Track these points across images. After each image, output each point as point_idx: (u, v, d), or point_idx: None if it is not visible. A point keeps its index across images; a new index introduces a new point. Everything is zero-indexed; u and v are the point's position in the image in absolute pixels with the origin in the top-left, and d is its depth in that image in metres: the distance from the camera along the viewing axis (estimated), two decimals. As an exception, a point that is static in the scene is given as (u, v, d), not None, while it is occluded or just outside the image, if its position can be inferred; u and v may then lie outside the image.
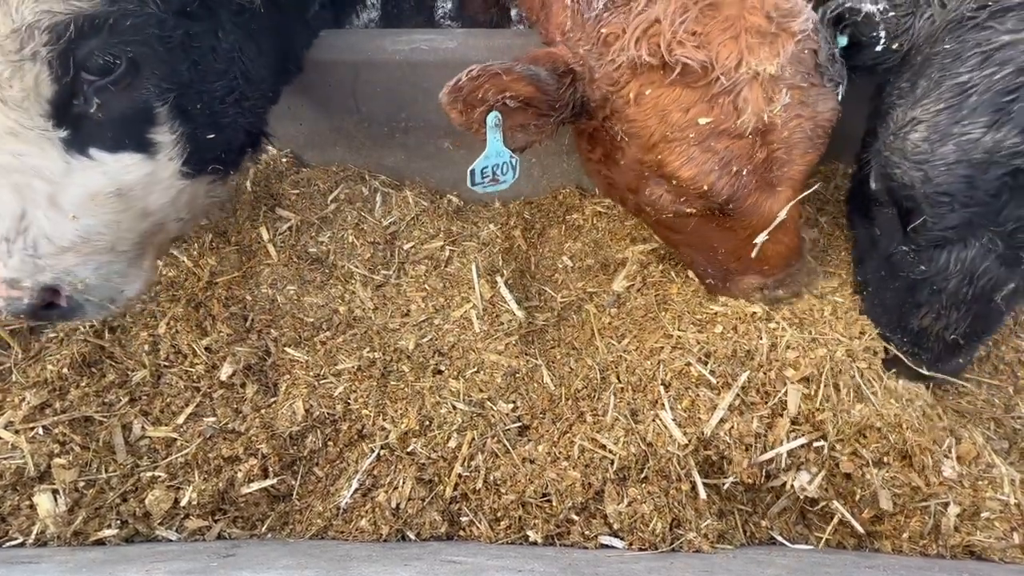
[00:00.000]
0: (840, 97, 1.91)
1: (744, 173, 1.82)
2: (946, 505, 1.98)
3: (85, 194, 1.69)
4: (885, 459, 2.00)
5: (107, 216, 1.75)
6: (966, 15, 1.76)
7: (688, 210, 1.94)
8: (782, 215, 1.92)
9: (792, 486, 1.99)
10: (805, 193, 1.97)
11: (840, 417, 1.99)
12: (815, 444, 1.99)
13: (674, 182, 1.84)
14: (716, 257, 2.15)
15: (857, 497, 2.00)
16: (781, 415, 2.03)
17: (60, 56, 1.53)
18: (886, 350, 2.14)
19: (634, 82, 1.77)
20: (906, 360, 2.09)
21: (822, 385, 2.03)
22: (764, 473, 2.00)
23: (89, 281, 1.79)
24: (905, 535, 2.00)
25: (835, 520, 2.01)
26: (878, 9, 1.88)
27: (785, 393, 2.03)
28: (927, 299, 1.98)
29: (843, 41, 1.91)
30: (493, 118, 1.80)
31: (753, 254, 2.02)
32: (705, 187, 1.81)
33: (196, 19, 1.73)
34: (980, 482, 2.01)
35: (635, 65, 1.74)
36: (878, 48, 1.91)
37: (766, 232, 1.95)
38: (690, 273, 2.40)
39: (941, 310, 1.96)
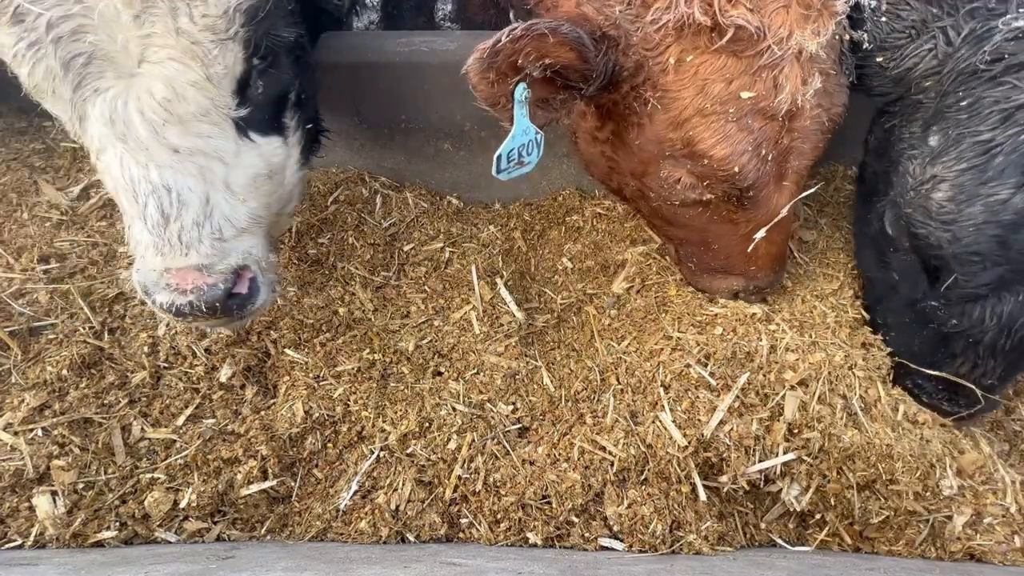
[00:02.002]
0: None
1: (769, 159, 1.74)
2: (949, 517, 1.98)
3: (248, 176, 1.70)
4: (872, 485, 2.00)
5: (264, 199, 1.76)
6: (979, 67, 1.67)
7: (702, 196, 1.84)
8: (785, 211, 1.87)
9: (784, 497, 2.00)
10: (808, 192, 1.93)
11: (829, 441, 1.98)
12: (805, 459, 1.99)
13: (705, 162, 1.71)
14: (708, 253, 2.10)
15: (846, 511, 2.00)
16: (779, 418, 2.03)
17: (252, 37, 1.59)
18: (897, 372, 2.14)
19: (676, 45, 1.62)
20: (942, 413, 2.05)
21: (816, 396, 2.02)
22: (763, 477, 2.00)
23: (266, 262, 1.78)
24: (902, 542, 2.00)
25: (828, 528, 2.02)
26: (870, 5, 1.78)
27: (783, 397, 2.03)
28: (962, 350, 1.93)
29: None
30: (522, 90, 1.59)
31: (750, 248, 1.97)
32: (736, 169, 1.71)
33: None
34: (982, 488, 2.00)
35: (682, 25, 1.58)
36: (864, 47, 1.81)
37: (766, 228, 1.90)
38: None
39: (978, 360, 1.92)
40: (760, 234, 1.91)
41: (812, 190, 1.96)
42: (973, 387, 1.95)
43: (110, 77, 1.48)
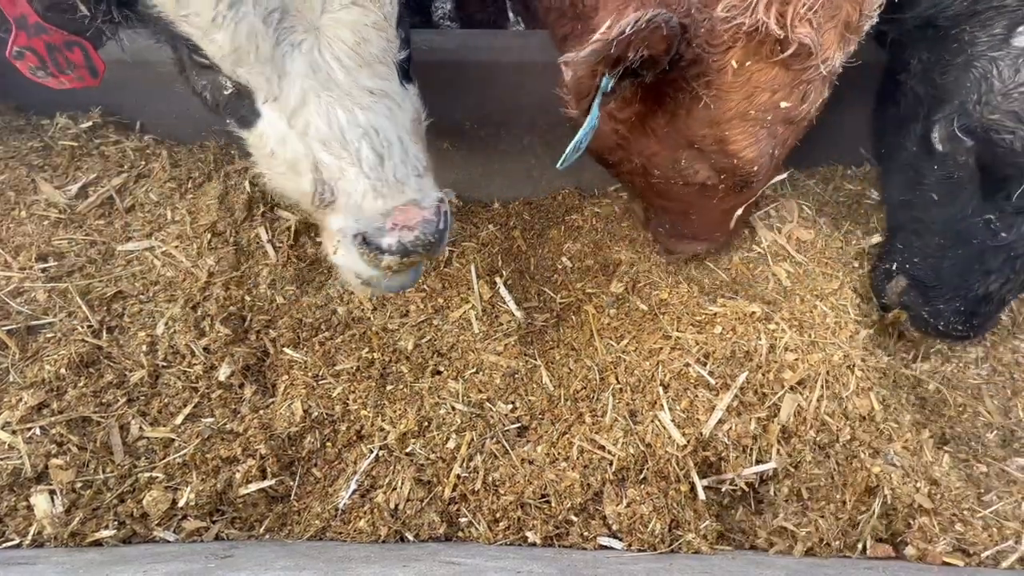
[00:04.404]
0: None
1: (776, 156, 1.82)
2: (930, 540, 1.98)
3: (410, 120, 1.74)
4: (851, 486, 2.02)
5: (421, 144, 1.78)
6: None
7: (709, 182, 1.89)
8: (761, 190, 2.04)
9: (777, 498, 2.02)
10: (781, 176, 2.09)
11: (819, 438, 2.00)
12: (800, 459, 2.01)
13: (733, 161, 1.76)
14: (685, 221, 2.22)
15: (825, 511, 2.02)
16: (776, 418, 2.04)
17: None
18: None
19: (741, 50, 1.61)
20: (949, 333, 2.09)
21: (814, 396, 2.03)
22: (759, 476, 2.01)
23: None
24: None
25: (817, 528, 2.03)
26: None
27: (780, 397, 2.04)
28: (1000, 265, 1.95)
29: None
30: (607, 81, 1.58)
31: (732, 224, 2.14)
32: (756, 168, 1.77)
33: None
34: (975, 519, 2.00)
35: (754, 31, 1.56)
36: None
37: (744, 205, 2.05)
38: (684, 275, 2.42)
39: (1011, 274, 1.95)
40: (739, 212, 2.07)
41: (784, 175, 2.14)
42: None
43: (300, 30, 1.53)
